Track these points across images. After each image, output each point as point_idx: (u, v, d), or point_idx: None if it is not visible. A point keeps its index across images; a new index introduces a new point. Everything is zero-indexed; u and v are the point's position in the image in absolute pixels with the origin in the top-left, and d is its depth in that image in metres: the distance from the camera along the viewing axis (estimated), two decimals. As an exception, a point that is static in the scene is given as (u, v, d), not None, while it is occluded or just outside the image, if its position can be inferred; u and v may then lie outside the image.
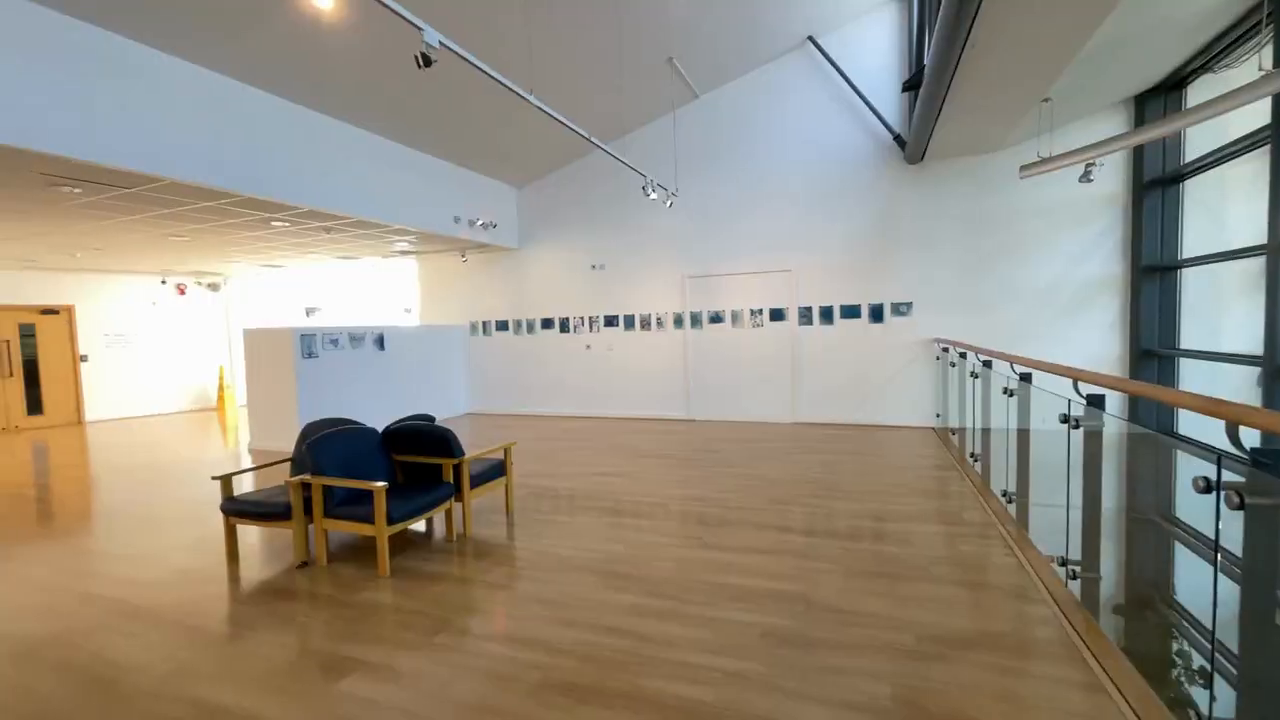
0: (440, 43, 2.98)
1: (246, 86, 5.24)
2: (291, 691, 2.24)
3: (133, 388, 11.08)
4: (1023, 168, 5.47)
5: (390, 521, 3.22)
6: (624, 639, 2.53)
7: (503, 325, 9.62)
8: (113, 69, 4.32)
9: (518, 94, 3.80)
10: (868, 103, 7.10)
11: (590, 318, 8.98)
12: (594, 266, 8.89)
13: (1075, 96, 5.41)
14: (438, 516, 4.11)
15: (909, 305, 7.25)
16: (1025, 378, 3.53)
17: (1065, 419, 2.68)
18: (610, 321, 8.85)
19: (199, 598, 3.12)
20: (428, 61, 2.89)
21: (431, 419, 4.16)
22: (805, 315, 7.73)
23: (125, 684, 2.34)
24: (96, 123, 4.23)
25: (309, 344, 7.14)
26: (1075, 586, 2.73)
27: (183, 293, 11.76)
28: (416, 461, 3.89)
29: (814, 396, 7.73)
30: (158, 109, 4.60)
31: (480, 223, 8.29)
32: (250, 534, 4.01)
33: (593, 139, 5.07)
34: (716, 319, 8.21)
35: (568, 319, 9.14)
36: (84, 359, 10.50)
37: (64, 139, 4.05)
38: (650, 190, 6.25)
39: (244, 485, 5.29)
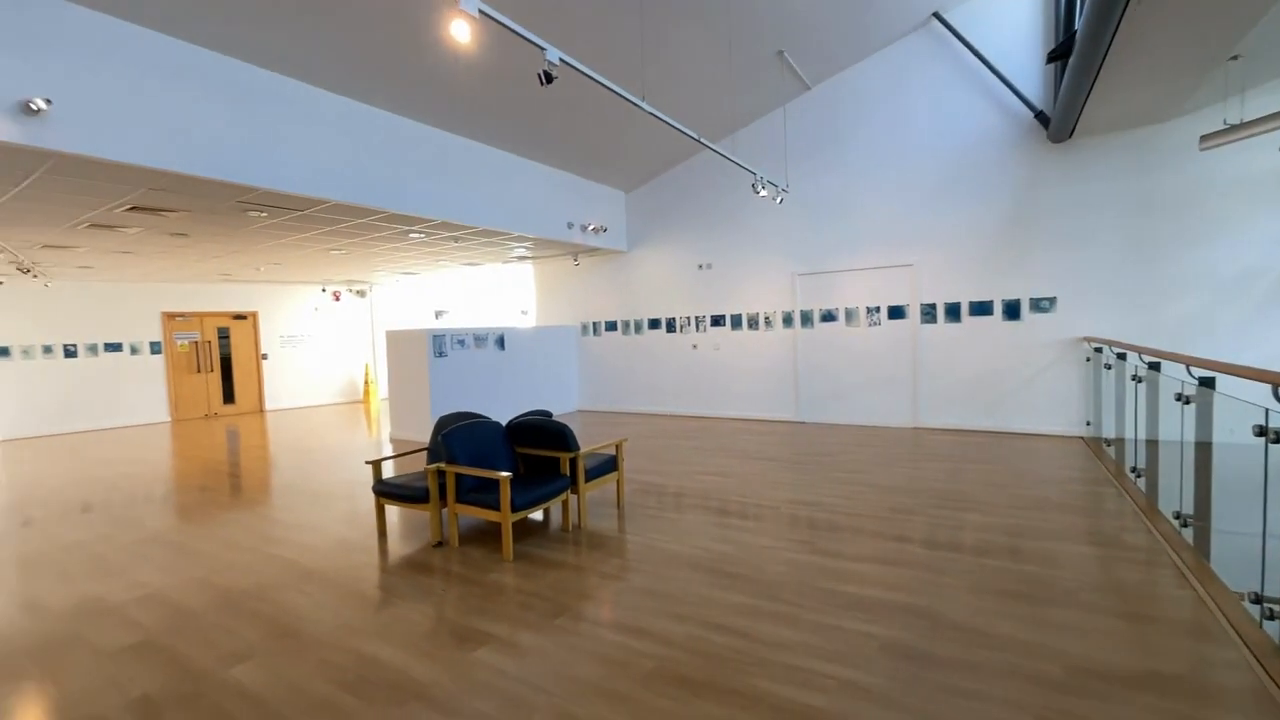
0: (560, 59, 3.15)
1: (390, 115, 5.87)
2: (434, 655, 2.50)
3: (299, 382, 12.81)
4: (1203, 138, 4.73)
5: (513, 509, 3.47)
6: (735, 638, 2.54)
7: (612, 326, 9.92)
8: (292, 110, 5.03)
9: (631, 101, 3.93)
10: (1003, 79, 6.48)
11: (697, 317, 9.01)
12: (701, 266, 8.92)
13: (1274, 50, 4.57)
14: (554, 507, 4.35)
15: (1052, 301, 6.51)
16: (1206, 382, 3.05)
17: (1263, 431, 2.29)
18: (717, 321, 8.82)
19: (355, 565, 3.56)
20: (549, 79, 3.08)
21: (549, 414, 4.41)
22: (929, 313, 7.21)
23: (304, 633, 2.74)
24: (279, 156, 4.95)
25: (439, 344, 7.84)
26: (1273, 628, 2.33)
27: (337, 299, 13.37)
28: (536, 454, 4.15)
29: (937, 400, 7.19)
30: (324, 140, 5.29)
31: (591, 227, 8.62)
32: (394, 513, 4.49)
33: (702, 140, 5.10)
34: (829, 317, 7.90)
35: (674, 319, 9.24)
36: (265, 357, 12.32)
37: (256, 171, 4.79)
38: (760, 187, 6.16)
39: (388, 469, 5.92)
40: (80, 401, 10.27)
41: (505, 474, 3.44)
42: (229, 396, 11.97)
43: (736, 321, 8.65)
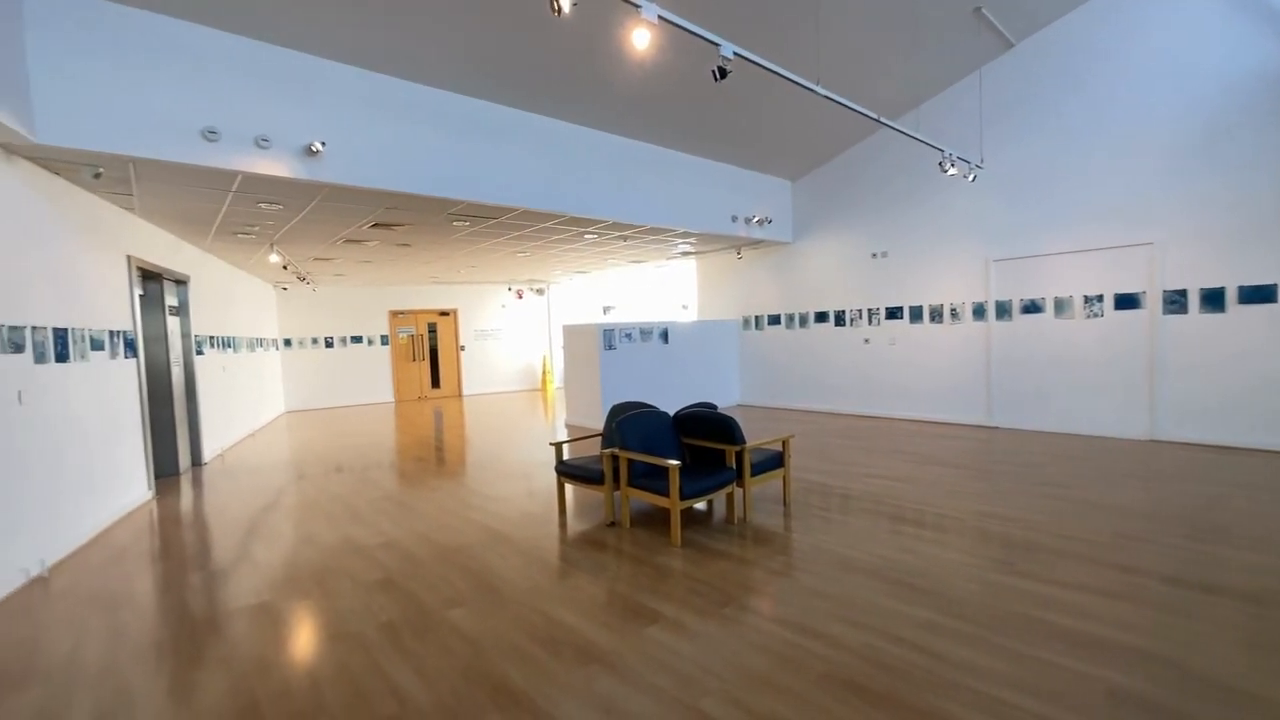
0: (735, 53, 3.16)
1: (568, 124, 6.35)
2: (612, 626, 2.70)
3: (489, 370, 14.53)
4: None
5: (682, 497, 3.59)
6: (917, 653, 2.36)
7: (775, 319, 9.69)
8: (490, 130, 5.70)
9: (805, 87, 3.80)
10: (1298, -1, 5.05)
11: (870, 310, 8.43)
12: (875, 255, 8.31)
13: None
14: (719, 499, 4.40)
15: (1375, 283, 4.95)
16: None
17: None
18: (893, 313, 8.16)
19: (540, 536, 3.97)
20: (723, 74, 3.10)
21: (714, 407, 4.47)
22: (1175, 301, 5.91)
23: (503, 590, 3.13)
24: (478, 172, 5.64)
25: (609, 337, 8.33)
26: None
27: (520, 297, 14.86)
28: (701, 445, 4.23)
29: (1186, 408, 5.88)
30: (514, 154, 5.90)
31: (755, 219, 8.50)
32: (572, 492, 4.90)
33: (881, 119, 4.74)
34: (1032, 308, 6.88)
35: (843, 312, 8.74)
36: (463, 349, 14.18)
37: (461, 186, 5.52)
38: (948, 165, 5.56)
39: (567, 452, 6.47)
40: (334, 383, 12.77)
41: (675, 463, 3.57)
42: (435, 382, 13.99)
43: (916, 314, 7.92)
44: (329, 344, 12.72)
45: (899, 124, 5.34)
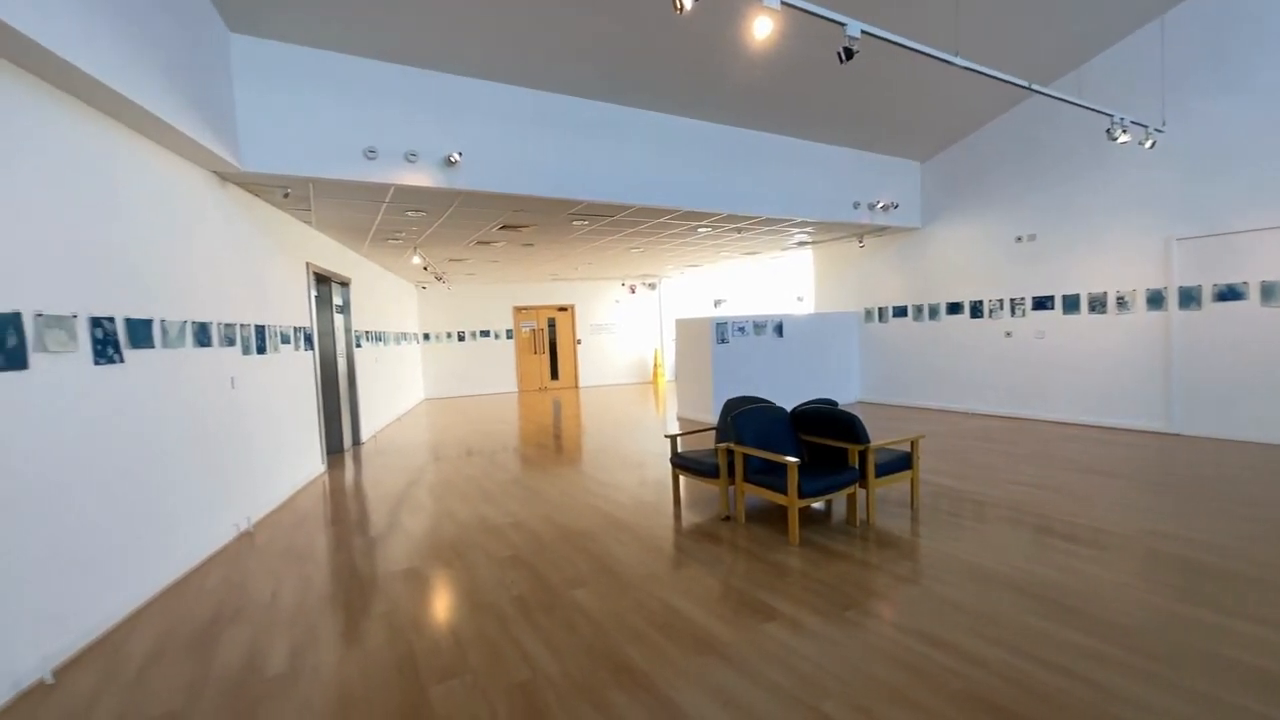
0: (863, 32, 3.00)
1: (681, 119, 6.37)
2: (729, 619, 2.72)
3: (603, 363, 15.05)
4: None
5: (800, 495, 3.50)
6: (1074, 682, 2.13)
7: (900, 311, 9.07)
8: (607, 131, 5.88)
9: (941, 60, 3.51)
10: None
11: (1013, 299, 7.61)
12: (1020, 239, 7.48)
13: None
14: (839, 499, 4.24)
15: None
16: None
17: None
18: (1041, 303, 7.31)
19: (656, 526, 4.07)
20: (849, 55, 2.96)
21: (834, 403, 4.30)
22: None
23: (622, 573, 3.27)
24: (597, 172, 5.84)
25: (721, 331, 8.28)
26: None
27: (633, 292, 15.20)
28: (821, 443, 4.09)
29: None
30: (629, 153, 6.03)
31: (879, 205, 7.99)
32: (686, 483, 4.96)
33: (1033, 86, 4.25)
34: (1230, 294, 5.82)
35: (980, 302, 7.97)
36: (579, 342, 14.81)
37: (581, 187, 5.75)
38: (1119, 131, 4.86)
39: (678, 444, 6.55)
40: (465, 373, 13.93)
41: (794, 460, 3.49)
42: (554, 374, 14.75)
43: (1071, 303, 7.03)
44: (461, 338, 13.88)
45: (1054, 89, 4.75)
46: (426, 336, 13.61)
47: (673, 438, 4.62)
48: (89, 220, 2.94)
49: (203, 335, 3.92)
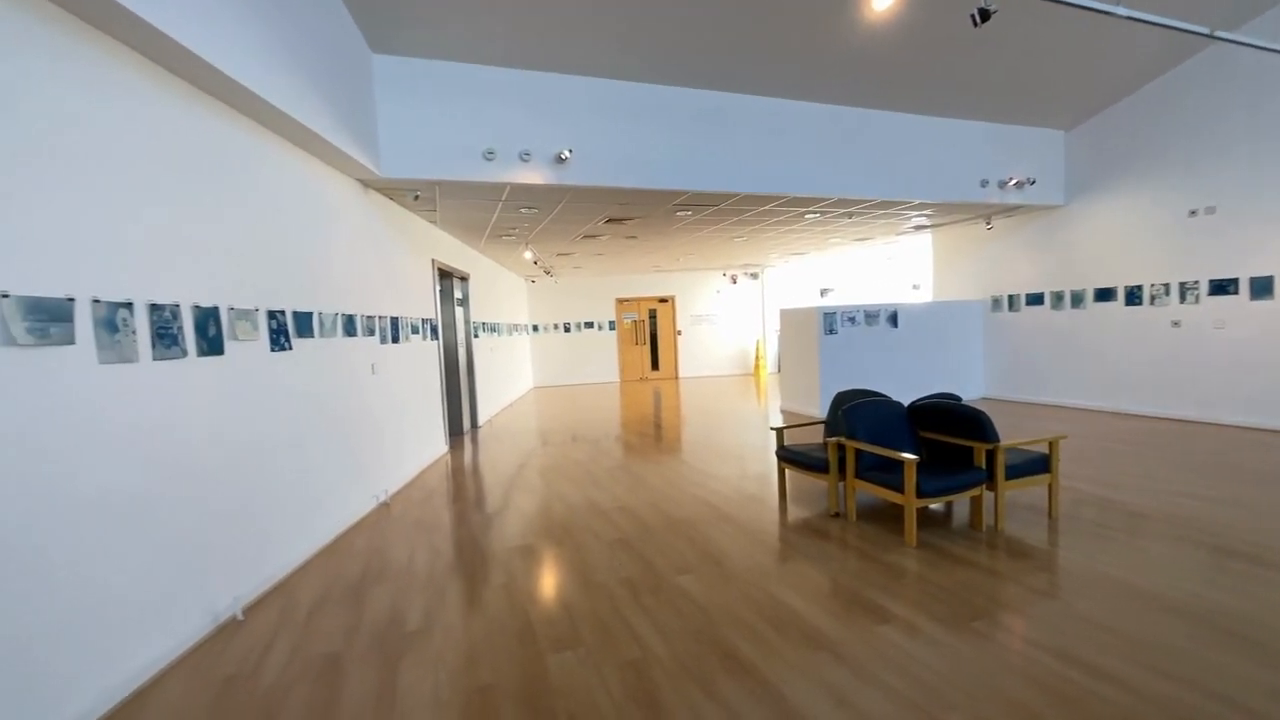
0: (1000, -9, 2.73)
1: (789, 101, 6.14)
2: (839, 616, 2.63)
3: (703, 354, 15.00)
4: None
5: (919, 494, 3.30)
6: (1260, 725, 1.84)
7: (1035, 298, 8.18)
8: (712, 118, 5.82)
9: (1099, 12, 3.10)
10: None
11: (1182, 284, 6.60)
12: (1193, 213, 6.45)
13: None
14: (961, 502, 3.94)
15: None
16: None
17: None
18: (1221, 287, 6.27)
19: (761, 518, 4.01)
20: (985, 16, 2.70)
21: (957, 398, 3.99)
22: None
23: (727, 565, 3.26)
24: (701, 161, 5.80)
25: (830, 321, 7.94)
26: None
27: (734, 282, 14.97)
28: (941, 440, 3.82)
29: None
30: (734, 139, 5.93)
31: (1013, 182, 7.24)
32: (791, 477, 4.84)
33: (1215, 33, 3.63)
34: None
35: (1139, 287, 6.99)
36: (679, 333, 14.86)
37: (685, 177, 5.75)
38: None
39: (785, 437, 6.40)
40: (571, 363, 14.49)
41: (912, 457, 3.29)
42: (655, 364, 14.93)
43: (1262, 287, 5.96)
44: (567, 329, 14.44)
45: (1241, 35, 4.02)
46: (535, 328, 14.31)
47: (778, 430, 4.52)
48: (265, 226, 3.40)
49: (350, 326, 4.41)
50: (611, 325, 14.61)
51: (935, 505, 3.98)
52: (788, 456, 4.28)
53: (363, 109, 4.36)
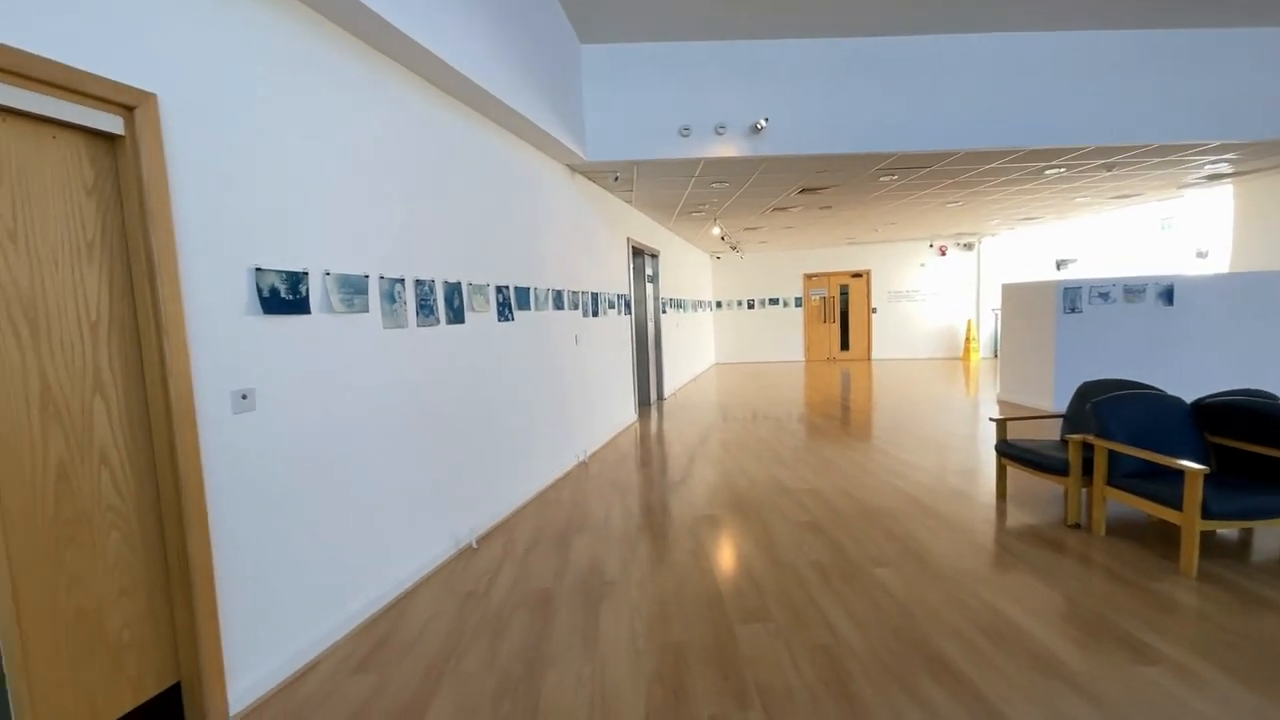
0: None
1: (1018, 34, 5.14)
2: (1083, 645, 2.23)
3: (901, 334, 13.65)
4: None
5: (1205, 515, 2.63)
6: None
7: None
8: (931, 66, 5.15)
9: None
10: None
11: None
12: None
13: None
14: (1267, 530, 3.06)
15: None
16: None
17: None
18: None
19: (973, 518, 3.56)
20: None
21: (1273, 397, 3.07)
22: None
23: (931, 562, 2.97)
24: (910, 118, 5.18)
25: (1072, 298, 6.64)
26: None
27: (943, 254, 13.29)
28: (1242, 449, 2.98)
29: None
30: (952, 88, 5.16)
31: (1385, 105, 5.23)
32: (1013, 476, 4.21)
33: None
34: None
35: None
36: (874, 311, 13.71)
37: (892, 137, 5.19)
38: None
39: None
40: (754, 340, 14.28)
41: (1198, 466, 2.62)
42: (844, 344, 14.01)
43: None
44: (750, 305, 14.22)
45: None
46: (719, 304, 14.35)
47: (1000, 421, 3.94)
48: (494, 210, 3.88)
49: (559, 300, 4.87)
50: (798, 302, 14.02)
51: (1226, 530, 3.15)
52: (1011, 452, 3.72)
53: (573, 97, 4.71)
